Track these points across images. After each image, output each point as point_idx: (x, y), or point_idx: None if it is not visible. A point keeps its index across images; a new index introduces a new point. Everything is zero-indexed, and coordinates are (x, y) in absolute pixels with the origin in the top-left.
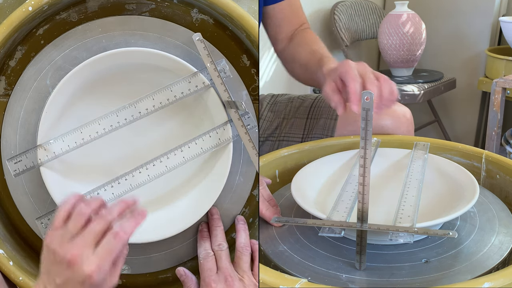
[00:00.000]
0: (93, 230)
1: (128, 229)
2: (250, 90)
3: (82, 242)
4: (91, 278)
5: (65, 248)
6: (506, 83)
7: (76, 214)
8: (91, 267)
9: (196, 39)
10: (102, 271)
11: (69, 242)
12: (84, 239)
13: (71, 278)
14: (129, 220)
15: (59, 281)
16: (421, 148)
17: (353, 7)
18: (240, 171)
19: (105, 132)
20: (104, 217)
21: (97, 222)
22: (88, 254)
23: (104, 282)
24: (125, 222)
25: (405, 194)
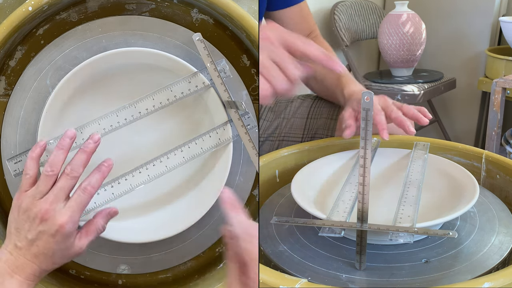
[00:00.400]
0: (63, 187)
1: (95, 183)
2: (250, 90)
3: (54, 197)
4: (63, 229)
5: (38, 205)
6: (506, 83)
7: (44, 175)
8: (63, 218)
9: (196, 39)
10: (73, 222)
11: (41, 199)
12: (55, 195)
13: (44, 231)
14: (95, 175)
15: (31, 236)
16: (421, 148)
17: (353, 7)
18: (240, 171)
19: (105, 132)
20: (71, 174)
21: (65, 179)
22: (60, 207)
23: (73, 236)
24: (92, 177)
25: (405, 194)
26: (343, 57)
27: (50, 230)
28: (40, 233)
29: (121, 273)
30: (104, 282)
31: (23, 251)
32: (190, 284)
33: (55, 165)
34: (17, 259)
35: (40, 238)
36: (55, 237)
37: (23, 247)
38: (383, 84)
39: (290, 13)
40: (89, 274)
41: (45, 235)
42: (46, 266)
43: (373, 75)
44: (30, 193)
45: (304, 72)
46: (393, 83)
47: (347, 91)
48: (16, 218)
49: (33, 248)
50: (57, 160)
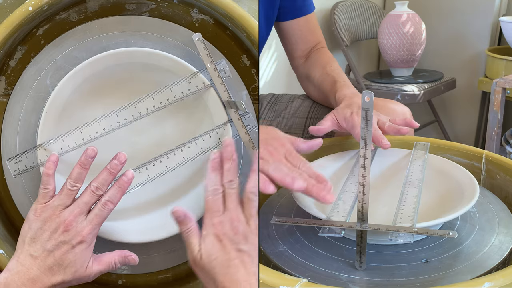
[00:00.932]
0: (87, 202)
1: (115, 199)
2: (250, 90)
3: (78, 210)
4: (83, 241)
5: (61, 215)
6: (506, 83)
7: (68, 190)
8: (86, 230)
9: (196, 39)
10: (93, 235)
11: (64, 210)
12: (80, 208)
13: (65, 241)
14: (116, 190)
15: (50, 246)
16: (421, 148)
17: (353, 7)
18: (240, 171)
19: (105, 132)
20: (96, 191)
21: (90, 195)
22: (82, 220)
23: (89, 253)
24: (112, 193)
25: (405, 194)
26: (343, 57)
27: (72, 241)
28: (60, 243)
29: (121, 273)
30: (104, 282)
31: (38, 262)
32: (190, 284)
33: (79, 181)
34: (29, 271)
35: (60, 248)
36: (74, 248)
37: (39, 257)
38: (383, 84)
39: (297, 24)
40: None
41: (65, 245)
42: (56, 280)
43: (373, 75)
44: (51, 204)
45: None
46: (393, 83)
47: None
48: (34, 228)
49: (50, 258)
50: (80, 177)
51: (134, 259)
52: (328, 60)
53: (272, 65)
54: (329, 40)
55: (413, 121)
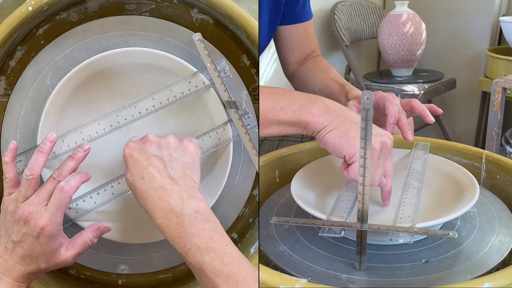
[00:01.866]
0: (48, 190)
1: (73, 184)
2: (250, 90)
3: (38, 200)
4: (44, 231)
5: (21, 207)
6: (506, 83)
7: (25, 179)
8: (44, 221)
9: (196, 39)
10: (54, 223)
11: (25, 202)
12: (40, 198)
13: (27, 233)
14: (74, 176)
15: (16, 238)
16: (421, 148)
17: (353, 7)
18: (240, 171)
19: (105, 132)
20: (58, 178)
21: (51, 183)
22: (41, 210)
23: (57, 239)
24: (71, 178)
25: (405, 194)
26: (343, 57)
27: (33, 232)
28: (24, 235)
29: (121, 273)
30: (104, 282)
31: (8, 253)
32: (190, 284)
33: (34, 169)
34: (5, 262)
35: (25, 240)
36: (38, 239)
37: (10, 248)
38: (383, 84)
39: (295, 30)
40: (89, 274)
41: (29, 237)
42: (32, 269)
43: (373, 75)
44: (13, 196)
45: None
46: (393, 83)
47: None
48: (4, 221)
49: (19, 249)
50: (36, 164)
51: (107, 227)
52: (328, 66)
53: (272, 65)
54: (329, 40)
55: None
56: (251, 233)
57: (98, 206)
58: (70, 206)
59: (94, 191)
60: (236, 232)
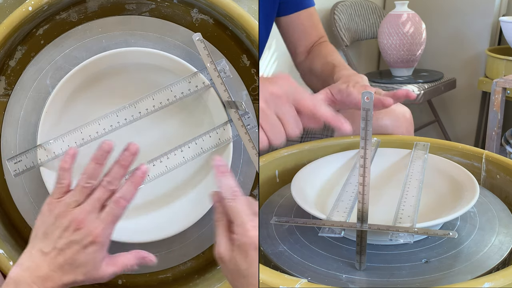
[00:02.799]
0: (99, 198)
1: (128, 196)
2: (250, 90)
3: (90, 208)
4: (96, 240)
5: (73, 213)
6: (506, 83)
7: (82, 186)
8: (97, 231)
9: (196, 39)
10: (106, 235)
11: (76, 208)
12: (92, 206)
13: (76, 241)
14: (129, 186)
15: (61, 245)
16: (421, 148)
17: (353, 7)
18: (240, 171)
19: (105, 132)
20: (108, 186)
21: (102, 191)
22: (93, 219)
23: (102, 253)
24: (126, 189)
25: (405, 194)
26: (343, 57)
27: (83, 241)
28: (71, 242)
29: (121, 273)
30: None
31: (48, 259)
32: (190, 284)
33: (94, 178)
34: (39, 268)
35: (70, 247)
36: (86, 248)
37: (50, 254)
38: (383, 84)
39: (299, 18)
40: None
41: (76, 245)
42: (68, 280)
43: (373, 75)
44: (65, 200)
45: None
46: (393, 83)
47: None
48: (46, 224)
49: (60, 257)
50: (95, 173)
51: (151, 260)
52: (330, 51)
53: (272, 65)
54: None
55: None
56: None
57: None
58: None
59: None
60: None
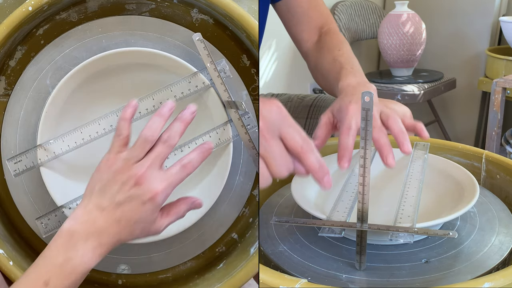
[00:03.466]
0: (159, 154)
1: (195, 163)
2: (250, 90)
3: (150, 163)
4: (155, 198)
5: (133, 168)
6: (506, 83)
7: (142, 140)
8: (160, 187)
9: (196, 39)
10: (166, 194)
11: (137, 163)
12: (152, 161)
13: (135, 196)
14: (198, 155)
15: (120, 199)
16: (421, 148)
17: (353, 7)
18: (240, 171)
19: (105, 132)
20: (168, 141)
21: (162, 147)
22: (156, 175)
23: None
24: (194, 156)
25: (405, 194)
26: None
27: (143, 196)
28: (130, 197)
29: (121, 273)
30: (104, 282)
31: (105, 214)
32: (190, 284)
33: (155, 131)
34: (95, 222)
35: (129, 202)
36: (145, 204)
37: (107, 208)
38: (383, 84)
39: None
40: (89, 274)
41: (135, 200)
42: (124, 236)
43: (373, 75)
44: (124, 155)
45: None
46: (393, 83)
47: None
48: (103, 179)
49: (118, 212)
50: (156, 127)
51: (200, 203)
52: (337, 44)
53: (272, 65)
54: None
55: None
56: (251, 233)
57: None
58: (70, 206)
59: None
60: (236, 232)
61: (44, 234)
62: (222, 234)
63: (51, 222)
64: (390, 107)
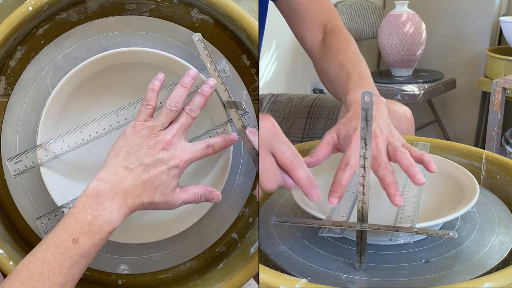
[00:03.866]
0: (183, 124)
1: (217, 148)
2: (250, 90)
3: (176, 132)
4: (179, 165)
5: (160, 134)
6: (506, 83)
7: (167, 109)
8: (184, 156)
9: (196, 39)
10: (187, 164)
11: (163, 130)
12: (177, 130)
13: (162, 160)
14: (221, 141)
15: (148, 161)
16: (421, 148)
17: (353, 7)
18: (240, 171)
19: (105, 132)
20: (191, 113)
21: (185, 117)
22: (182, 144)
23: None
24: (218, 140)
25: (405, 194)
26: None
27: (169, 161)
28: (157, 160)
29: (121, 273)
30: (104, 282)
31: (132, 174)
32: (190, 284)
33: (179, 101)
34: (122, 181)
35: (156, 165)
36: (170, 169)
37: (134, 169)
38: (383, 84)
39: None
40: (89, 274)
41: (162, 164)
42: (147, 199)
43: (373, 75)
44: (150, 124)
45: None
46: (393, 83)
47: (349, 99)
48: (131, 144)
49: (145, 173)
50: (179, 97)
51: (218, 196)
52: (343, 45)
53: (272, 65)
54: None
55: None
56: (251, 233)
57: None
58: (70, 206)
59: None
60: (236, 232)
61: (44, 234)
62: (222, 234)
63: (51, 222)
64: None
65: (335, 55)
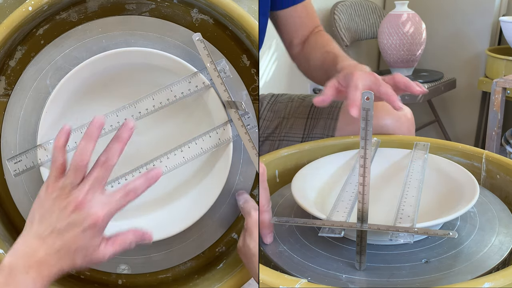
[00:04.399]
0: (98, 177)
1: (139, 191)
2: (250, 90)
3: (89, 188)
4: (97, 224)
5: (71, 194)
6: (506, 83)
7: (74, 166)
8: (101, 212)
9: (196, 39)
10: (107, 219)
11: (74, 189)
12: (91, 186)
13: (75, 222)
14: (141, 181)
15: (60, 227)
16: (421, 148)
17: (353, 7)
18: (240, 171)
19: (105, 132)
20: (106, 163)
21: (100, 169)
22: (97, 199)
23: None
24: (138, 183)
25: (405, 194)
26: None
27: (83, 222)
28: (70, 224)
29: (121, 273)
30: (104, 282)
31: (45, 244)
32: (190, 284)
33: (85, 155)
34: (35, 253)
35: (69, 229)
36: (85, 231)
37: (47, 238)
38: None
39: (295, 11)
40: (89, 274)
41: (75, 227)
42: (66, 265)
43: None
44: (60, 184)
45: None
46: None
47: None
48: (43, 207)
49: (58, 240)
50: (86, 151)
51: (149, 237)
52: (327, 41)
53: (272, 65)
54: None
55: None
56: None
57: None
58: None
59: None
60: (236, 232)
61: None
62: (222, 234)
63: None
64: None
65: (322, 47)
